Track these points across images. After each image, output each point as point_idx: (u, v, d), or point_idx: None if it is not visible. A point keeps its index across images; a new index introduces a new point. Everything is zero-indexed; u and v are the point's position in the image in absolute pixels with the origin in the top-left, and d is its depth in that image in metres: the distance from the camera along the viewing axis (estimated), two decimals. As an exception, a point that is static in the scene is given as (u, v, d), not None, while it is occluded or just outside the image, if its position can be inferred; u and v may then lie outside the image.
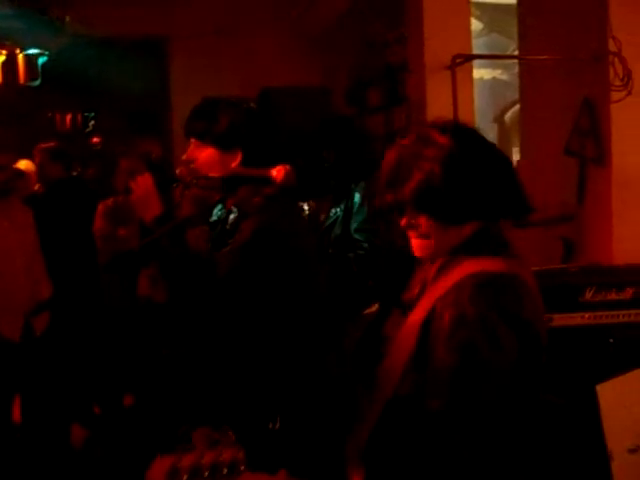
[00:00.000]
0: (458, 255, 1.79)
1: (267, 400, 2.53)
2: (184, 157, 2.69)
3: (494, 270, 1.74)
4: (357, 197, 4.17)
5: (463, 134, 1.80)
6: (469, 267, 1.75)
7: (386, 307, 2.05)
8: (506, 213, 1.84)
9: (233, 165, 2.63)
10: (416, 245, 1.84)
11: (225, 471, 1.45)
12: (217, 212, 2.78)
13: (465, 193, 1.74)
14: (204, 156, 2.65)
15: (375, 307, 3.86)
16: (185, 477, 1.42)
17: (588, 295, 3.54)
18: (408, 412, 1.75)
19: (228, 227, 2.66)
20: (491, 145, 1.84)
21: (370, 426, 1.80)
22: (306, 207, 4.28)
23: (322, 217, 4.27)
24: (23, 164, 6.15)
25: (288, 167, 2.61)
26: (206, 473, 1.43)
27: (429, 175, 1.72)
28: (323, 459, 2.01)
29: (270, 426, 2.50)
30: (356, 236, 4.14)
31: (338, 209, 4.22)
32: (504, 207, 1.82)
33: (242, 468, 1.47)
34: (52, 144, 5.85)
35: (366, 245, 4.11)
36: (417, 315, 1.77)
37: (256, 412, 2.53)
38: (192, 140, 2.68)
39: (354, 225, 4.14)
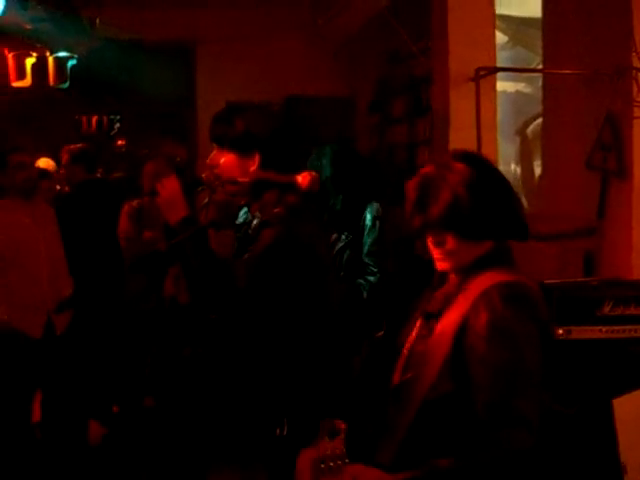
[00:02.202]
0: (478, 269, 1.98)
1: (275, 406, 2.56)
2: (208, 161, 2.74)
3: (512, 280, 1.94)
4: (368, 219, 4.11)
5: (477, 162, 2.01)
6: (491, 278, 1.94)
7: (394, 324, 2.13)
8: (513, 232, 2.05)
9: (252, 169, 2.66)
10: (440, 260, 2.03)
11: (339, 463, 1.67)
12: (243, 215, 2.82)
13: (485, 213, 1.95)
14: (224, 160, 2.69)
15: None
16: (325, 465, 1.66)
17: (606, 309, 3.54)
18: (446, 413, 1.88)
19: (250, 232, 2.70)
20: (500, 173, 2.07)
21: (401, 434, 1.91)
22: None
23: (332, 237, 4.21)
24: (43, 162, 6.23)
25: (314, 174, 2.64)
26: (331, 463, 1.67)
27: (455, 197, 1.93)
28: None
29: (277, 432, 2.53)
30: (366, 260, 4.10)
31: (347, 234, 4.17)
32: (512, 227, 2.03)
33: (347, 461, 1.68)
34: (76, 146, 5.92)
35: (375, 270, 4.08)
36: (447, 325, 1.94)
37: (264, 417, 2.57)
38: (215, 145, 2.73)
39: (365, 248, 4.10)
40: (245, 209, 2.81)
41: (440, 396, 1.88)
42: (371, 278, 4.08)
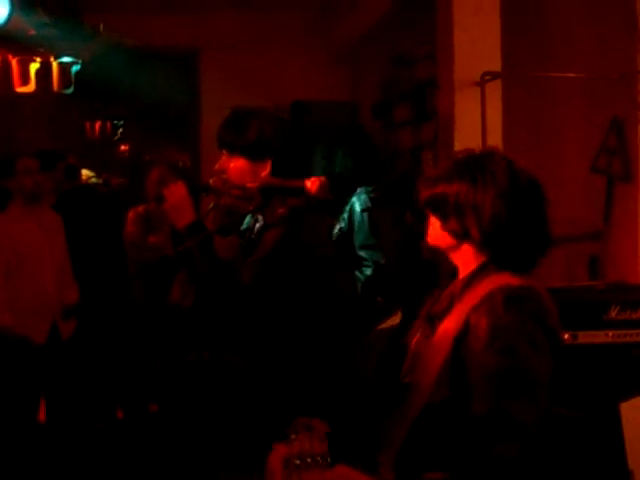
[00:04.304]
0: (483, 270, 1.93)
1: (285, 407, 2.56)
2: (216, 167, 2.74)
3: (519, 284, 1.87)
4: (357, 212, 4.10)
5: (518, 179, 1.93)
6: (496, 280, 1.88)
7: (409, 320, 2.11)
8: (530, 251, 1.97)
9: (263, 175, 2.67)
10: (427, 235, 2.03)
11: (319, 460, 1.61)
12: (248, 221, 2.83)
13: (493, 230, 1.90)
14: (235, 166, 2.70)
15: (390, 322, 3.88)
16: (297, 462, 1.60)
17: (613, 313, 3.53)
18: (445, 419, 1.83)
19: (253, 236, 2.70)
20: (538, 189, 2.00)
21: (403, 434, 1.87)
22: None
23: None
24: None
25: (323, 179, 2.64)
26: (309, 459, 1.61)
27: (479, 204, 1.89)
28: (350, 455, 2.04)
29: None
30: (361, 253, 4.10)
31: (343, 223, 4.18)
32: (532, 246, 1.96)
33: (329, 460, 1.63)
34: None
35: (370, 263, 4.08)
36: (448, 327, 1.88)
37: (275, 419, 2.56)
38: (224, 151, 2.73)
39: (358, 242, 4.10)
40: (250, 215, 2.81)
41: (440, 400, 1.84)
42: (368, 271, 4.08)
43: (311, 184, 2.63)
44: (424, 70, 6.27)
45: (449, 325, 1.89)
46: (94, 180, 6.71)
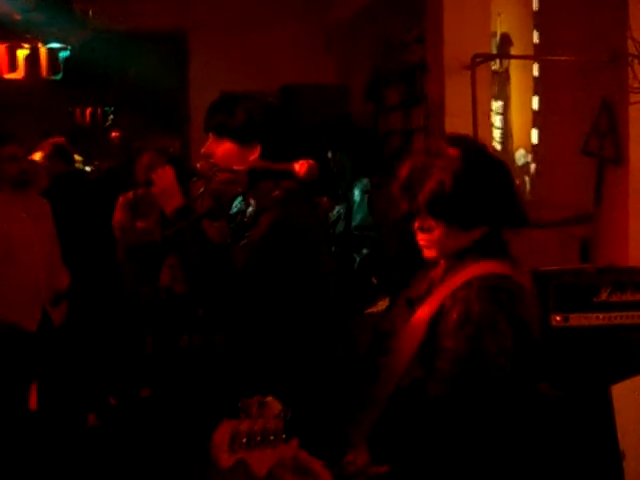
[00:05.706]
0: (465, 257, 1.94)
1: (278, 391, 2.56)
2: (203, 151, 2.72)
3: (499, 272, 1.90)
4: (357, 194, 4.19)
5: (469, 147, 1.95)
6: (476, 269, 1.91)
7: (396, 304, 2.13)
8: (507, 221, 1.98)
9: (251, 159, 2.66)
10: (426, 247, 1.98)
11: (272, 438, 1.62)
12: (237, 204, 2.81)
13: (472, 201, 1.89)
14: (222, 150, 2.68)
15: (380, 305, 3.90)
16: (244, 440, 1.60)
17: (604, 295, 3.55)
18: (411, 400, 1.87)
19: (246, 220, 2.69)
20: (496, 160, 1.99)
21: (375, 414, 1.92)
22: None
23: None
24: (38, 156, 6.17)
25: (311, 162, 2.63)
26: (258, 438, 1.61)
27: (441, 184, 1.87)
28: (328, 443, 2.05)
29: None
30: (356, 233, 4.16)
31: (341, 207, 4.25)
32: (506, 215, 1.96)
33: (283, 436, 1.64)
34: (56, 140, 5.84)
35: (366, 242, 4.14)
36: (425, 311, 1.92)
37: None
38: (210, 134, 2.72)
39: (354, 223, 4.17)
40: (239, 198, 2.80)
41: (410, 381, 1.88)
42: (364, 251, 4.13)
43: (299, 167, 2.62)
44: (415, 53, 6.26)
45: (426, 310, 1.92)
46: (80, 165, 6.69)
